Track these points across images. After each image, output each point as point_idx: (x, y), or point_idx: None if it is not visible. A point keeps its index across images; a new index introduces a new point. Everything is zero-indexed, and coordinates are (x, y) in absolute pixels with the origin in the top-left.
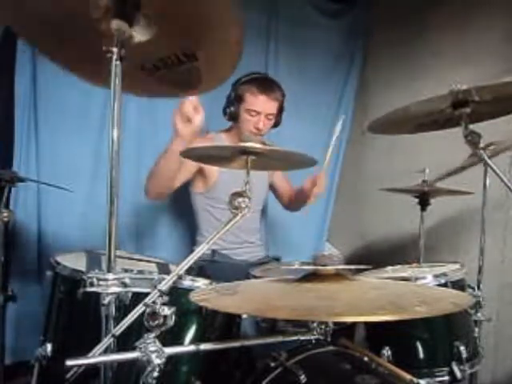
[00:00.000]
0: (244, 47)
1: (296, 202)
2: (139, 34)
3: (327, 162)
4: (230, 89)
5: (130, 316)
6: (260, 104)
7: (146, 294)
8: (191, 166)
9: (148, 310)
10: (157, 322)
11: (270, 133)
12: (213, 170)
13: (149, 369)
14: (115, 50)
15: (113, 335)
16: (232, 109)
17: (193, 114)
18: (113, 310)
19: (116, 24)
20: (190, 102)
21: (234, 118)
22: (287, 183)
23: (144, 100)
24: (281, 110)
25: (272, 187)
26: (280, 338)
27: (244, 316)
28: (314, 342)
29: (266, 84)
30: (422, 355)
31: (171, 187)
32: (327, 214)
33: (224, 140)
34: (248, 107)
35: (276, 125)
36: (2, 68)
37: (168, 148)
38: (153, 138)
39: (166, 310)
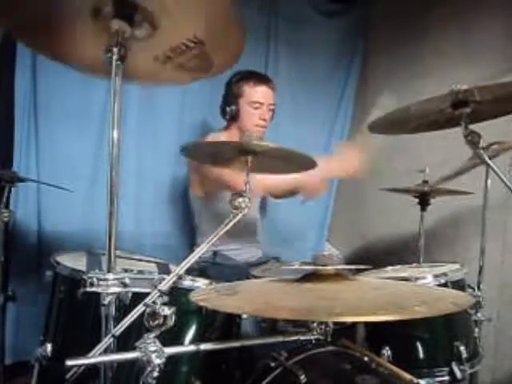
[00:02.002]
0: (244, 47)
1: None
2: (140, 32)
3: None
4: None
5: (129, 316)
6: (261, 94)
7: (146, 294)
8: None
9: (148, 310)
10: (157, 321)
11: (269, 132)
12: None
13: (149, 369)
14: (115, 50)
15: (113, 335)
16: (232, 107)
17: None
18: (113, 310)
19: (116, 24)
20: None
21: (234, 116)
22: None
23: (144, 100)
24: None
25: None
26: (280, 338)
27: (244, 316)
28: (313, 341)
29: (261, 76)
30: (422, 355)
31: None
32: (327, 213)
33: (223, 140)
34: (250, 100)
35: (272, 116)
36: (2, 68)
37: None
38: (153, 138)
39: (166, 310)
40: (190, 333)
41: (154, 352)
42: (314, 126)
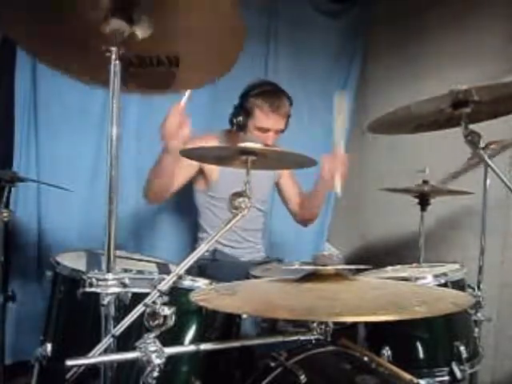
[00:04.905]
0: (244, 47)
1: (308, 206)
2: (138, 33)
3: (338, 138)
4: (228, 90)
5: (129, 316)
6: (271, 122)
7: (146, 294)
8: (190, 167)
9: (148, 309)
10: (157, 321)
11: None
12: (214, 169)
13: (149, 369)
14: (114, 49)
15: (113, 335)
16: (240, 119)
17: (179, 127)
18: (112, 310)
19: (115, 23)
20: (175, 116)
21: (241, 129)
22: (294, 186)
23: (145, 99)
24: (288, 116)
25: (278, 189)
26: (280, 338)
27: (244, 316)
28: (313, 341)
29: (276, 100)
30: (422, 355)
31: (169, 191)
32: (327, 213)
33: (227, 140)
34: (258, 125)
35: (282, 130)
36: (2, 68)
37: (159, 162)
38: (153, 138)
39: (166, 310)
40: (190, 333)
41: (154, 352)
42: (314, 126)
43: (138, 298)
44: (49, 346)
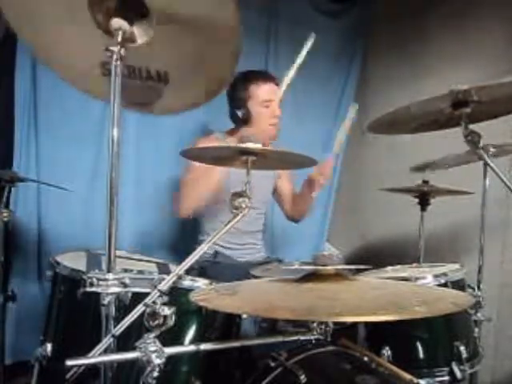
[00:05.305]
0: (244, 47)
1: (298, 205)
2: (139, 35)
3: (337, 148)
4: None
5: (130, 316)
6: (271, 91)
7: (146, 294)
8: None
9: (148, 310)
10: (157, 321)
11: None
12: (215, 173)
13: (149, 369)
14: (115, 49)
15: (113, 335)
16: (242, 110)
17: None
18: (113, 309)
19: (116, 23)
20: None
21: (246, 120)
22: (290, 186)
23: None
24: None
25: (276, 191)
26: (280, 338)
27: (244, 316)
28: (313, 341)
29: (264, 74)
30: (422, 355)
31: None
32: (327, 214)
33: (229, 141)
34: (260, 99)
35: (281, 101)
36: (2, 68)
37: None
38: (153, 136)
39: (166, 310)
40: (190, 333)
41: (154, 352)
42: (314, 126)
43: (138, 297)
44: (49, 346)
